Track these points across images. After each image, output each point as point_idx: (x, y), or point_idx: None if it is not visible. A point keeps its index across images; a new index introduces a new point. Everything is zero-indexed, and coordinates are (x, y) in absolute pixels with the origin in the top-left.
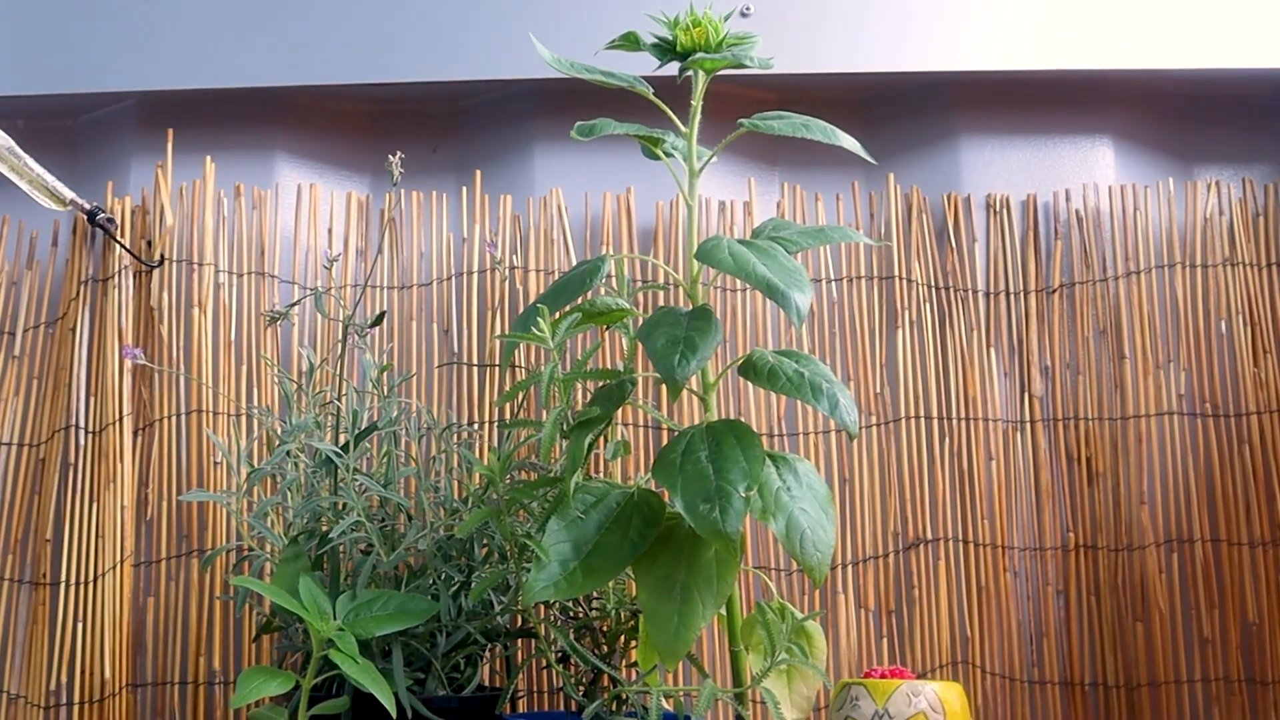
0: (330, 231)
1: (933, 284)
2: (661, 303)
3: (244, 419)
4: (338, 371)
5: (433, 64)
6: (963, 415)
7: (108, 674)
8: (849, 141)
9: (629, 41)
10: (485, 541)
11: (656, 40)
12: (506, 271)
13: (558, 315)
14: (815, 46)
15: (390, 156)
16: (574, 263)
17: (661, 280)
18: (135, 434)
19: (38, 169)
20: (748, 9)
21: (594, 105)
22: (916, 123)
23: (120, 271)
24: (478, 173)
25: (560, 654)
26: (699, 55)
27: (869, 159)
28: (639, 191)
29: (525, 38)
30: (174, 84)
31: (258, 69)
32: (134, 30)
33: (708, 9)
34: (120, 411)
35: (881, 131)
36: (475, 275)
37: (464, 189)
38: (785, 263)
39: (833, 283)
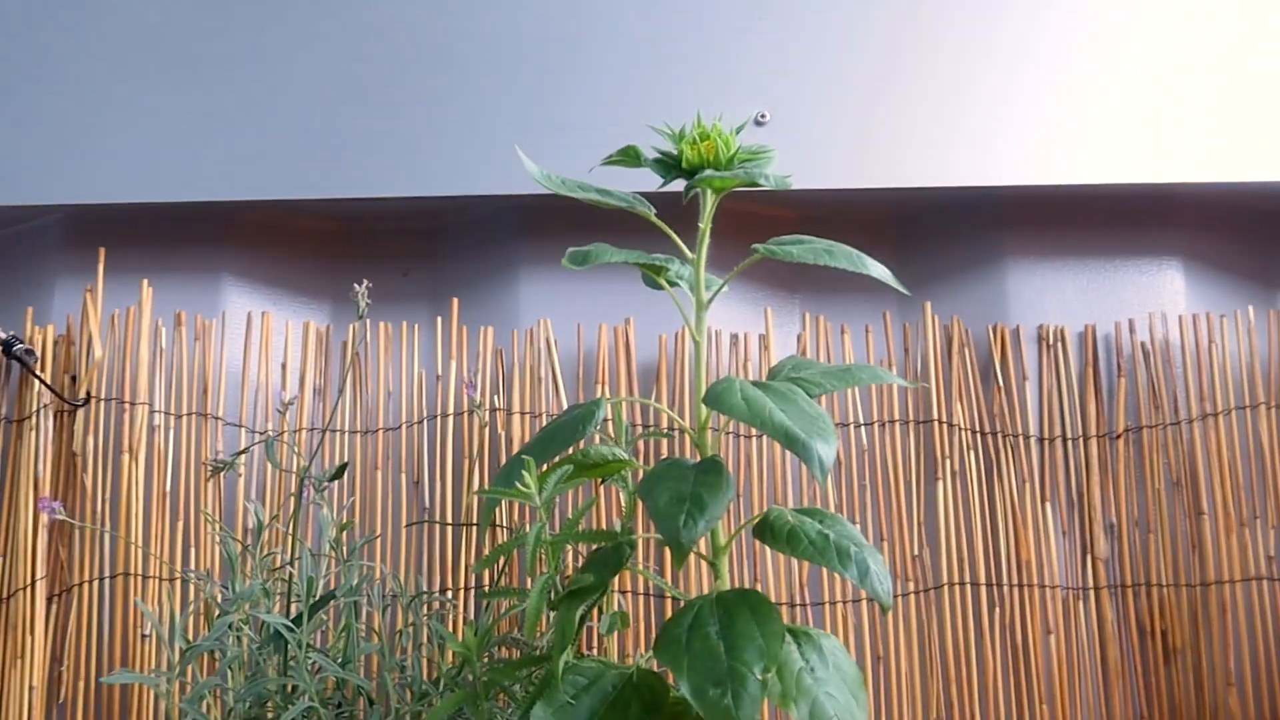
0: (285, 367)
1: (977, 428)
2: (665, 453)
3: (179, 584)
4: (290, 530)
5: (405, 178)
6: (1015, 581)
7: None
8: (879, 270)
9: (628, 157)
10: None
11: (659, 155)
12: (487, 415)
13: (546, 467)
14: (841, 159)
15: (355, 284)
16: (564, 405)
17: (665, 427)
18: (49, 600)
19: None
20: (763, 117)
21: (588, 227)
22: (957, 245)
23: (39, 411)
24: (454, 301)
25: None
26: (707, 173)
27: (901, 290)
28: (639, 324)
29: (510, 151)
30: (107, 197)
31: (203, 181)
32: (64, 137)
33: (717, 120)
34: (33, 575)
35: (917, 255)
36: (451, 419)
37: (439, 319)
38: (807, 408)
39: (862, 428)
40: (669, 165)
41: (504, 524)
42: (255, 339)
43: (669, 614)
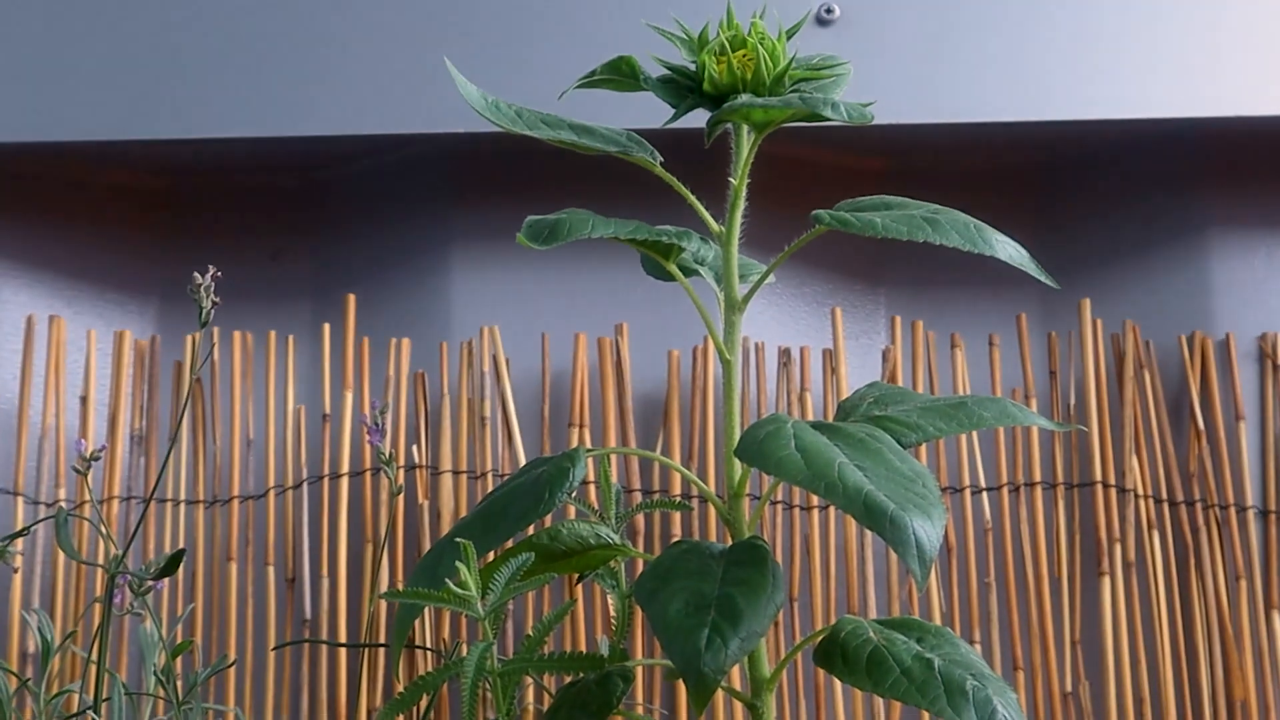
0: (86, 401)
1: (1164, 496)
2: (678, 533)
3: None
4: (95, 656)
5: (270, 108)
6: None
7: None
8: (1009, 250)
9: (619, 74)
10: None
11: (668, 71)
12: (401, 475)
13: (494, 556)
14: (951, 79)
15: (195, 273)
16: (521, 460)
17: (678, 493)
18: None
19: None
20: (829, 11)
21: (555, 187)
22: (1131, 212)
23: None
24: (349, 299)
25: None
26: (743, 99)
27: (1047, 280)
28: (637, 333)
29: (431, 69)
30: None
31: None
32: None
33: (757, 16)
34: None
35: (1068, 227)
36: (345, 480)
37: (326, 327)
38: (898, 464)
39: (984, 495)
40: (683, 88)
41: (428, 645)
42: (38, 357)
43: None
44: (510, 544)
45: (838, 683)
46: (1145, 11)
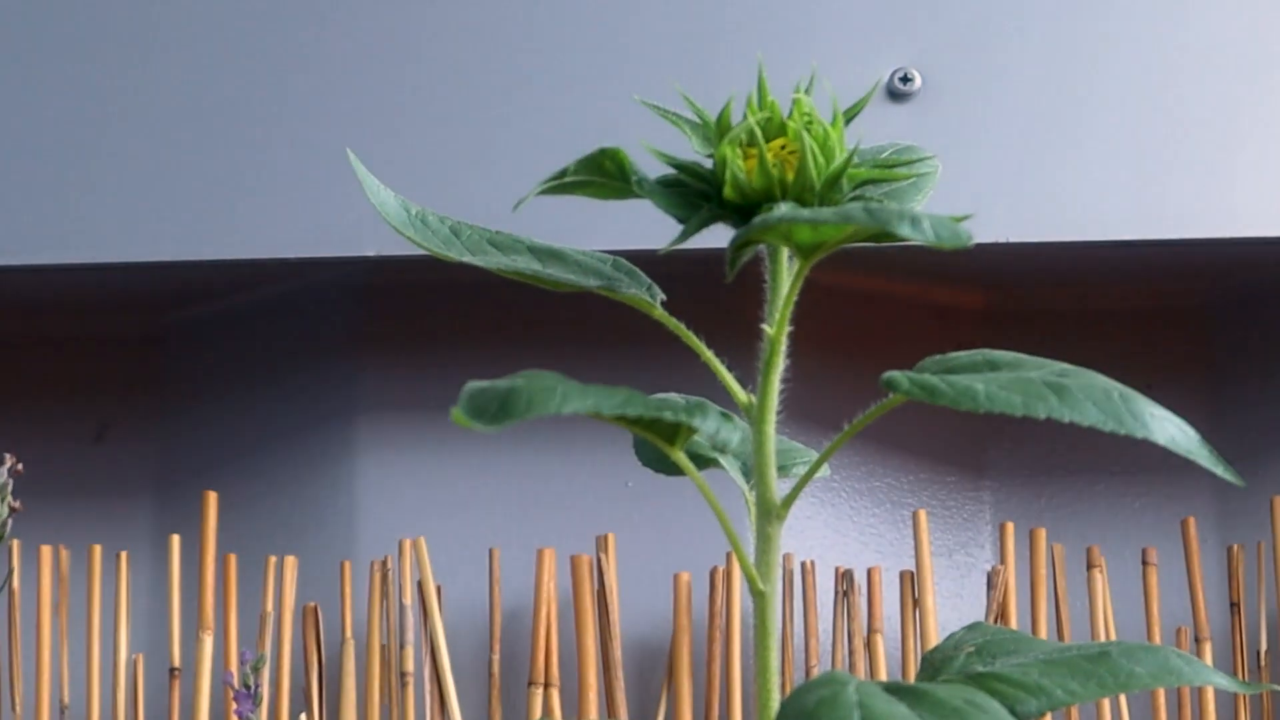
0: None
1: None
2: None
3: None
4: None
5: (105, 229)
6: None
7: None
8: (1170, 428)
9: (602, 173)
10: None
11: (673, 170)
12: None
13: None
14: (1082, 179)
15: None
16: None
17: None
18: None
19: None
20: (907, 78)
21: (507, 334)
22: None
23: None
24: (209, 496)
25: None
26: (783, 210)
27: (1225, 473)
28: (629, 548)
29: (334, 170)
30: None
31: None
32: None
33: (802, 90)
34: None
35: (1254, 395)
36: None
37: (174, 539)
38: None
39: None
40: (694, 193)
41: None
42: None
43: None
44: None
45: None
46: None
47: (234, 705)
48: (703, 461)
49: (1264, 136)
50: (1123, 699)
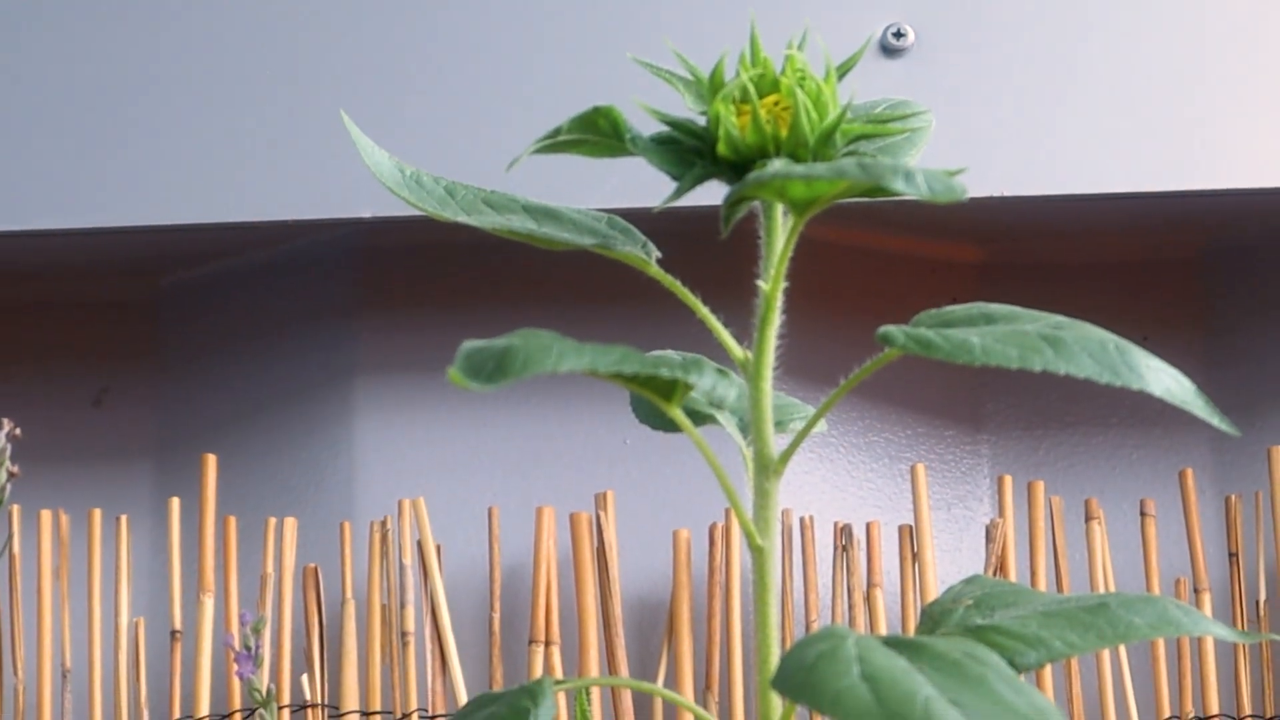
0: None
1: None
2: None
3: None
4: None
5: (102, 193)
6: None
7: None
8: (1166, 379)
9: (596, 132)
10: None
11: (667, 128)
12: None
13: None
14: (1079, 132)
15: None
16: (461, 698)
17: None
18: None
19: None
20: (900, 33)
21: (503, 293)
22: None
23: None
24: (207, 460)
25: None
26: (777, 166)
27: (1220, 423)
28: (628, 506)
29: (330, 132)
30: None
31: None
32: None
33: (795, 47)
34: None
35: (1251, 346)
36: None
37: (173, 501)
38: (1012, 698)
39: None
40: (688, 150)
41: None
42: None
43: None
44: None
45: None
46: None
47: (235, 667)
48: (700, 418)
49: (1258, 89)
50: (1122, 650)
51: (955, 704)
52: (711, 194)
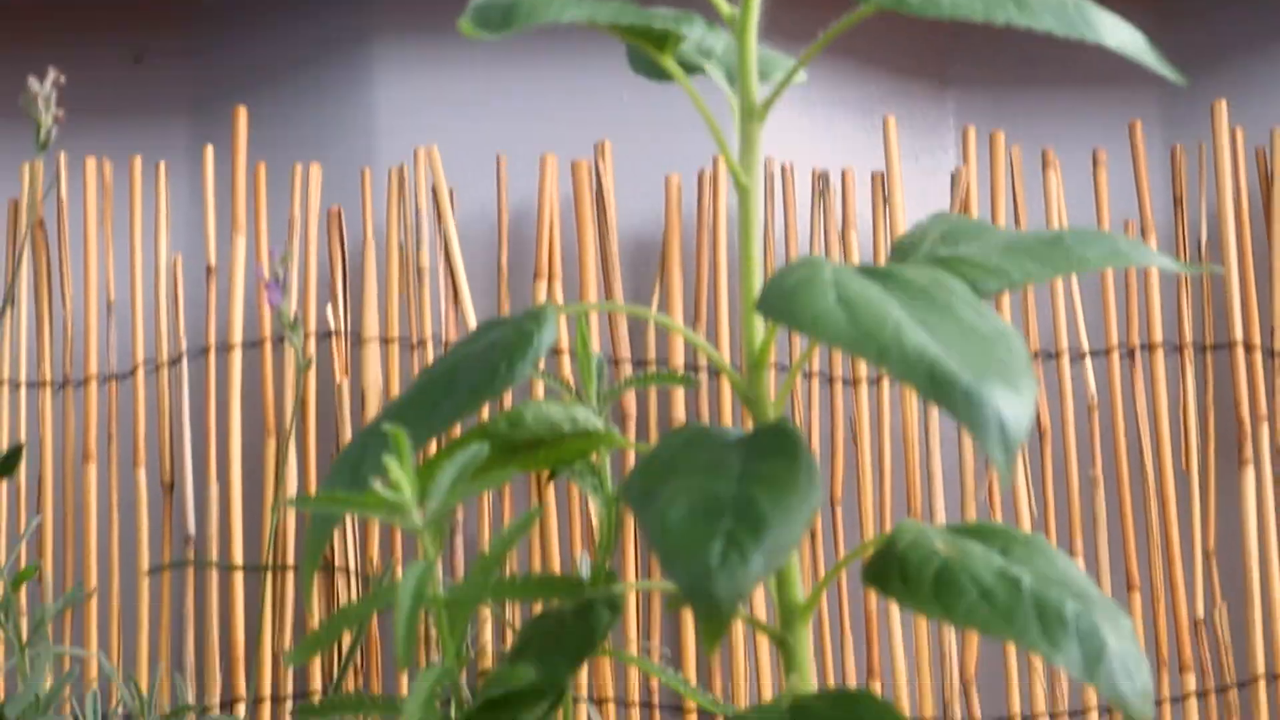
0: None
1: None
2: (681, 415)
3: None
4: None
5: None
6: None
7: None
8: (1120, 34)
9: None
10: None
11: None
12: (312, 345)
13: (436, 447)
14: None
15: (31, 77)
16: (471, 324)
17: (680, 362)
18: None
19: None
20: None
21: None
22: None
23: None
24: (239, 111)
25: None
26: None
27: (1169, 75)
28: (624, 152)
29: None
30: None
31: None
32: None
33: None
34: None
35: (1198, 5)
36: (238, 352)
37: (207, 149)
38: (975, 320)
39: (1089, 361)
40: None
41: (350, 567)
42: None
43: None
44: (458, 432)
45: (893, 610)
46: None
47: (266, 296)
48: (690, 68)
49: None
50: (1074, 284)
51: (923, 325)
52: None
